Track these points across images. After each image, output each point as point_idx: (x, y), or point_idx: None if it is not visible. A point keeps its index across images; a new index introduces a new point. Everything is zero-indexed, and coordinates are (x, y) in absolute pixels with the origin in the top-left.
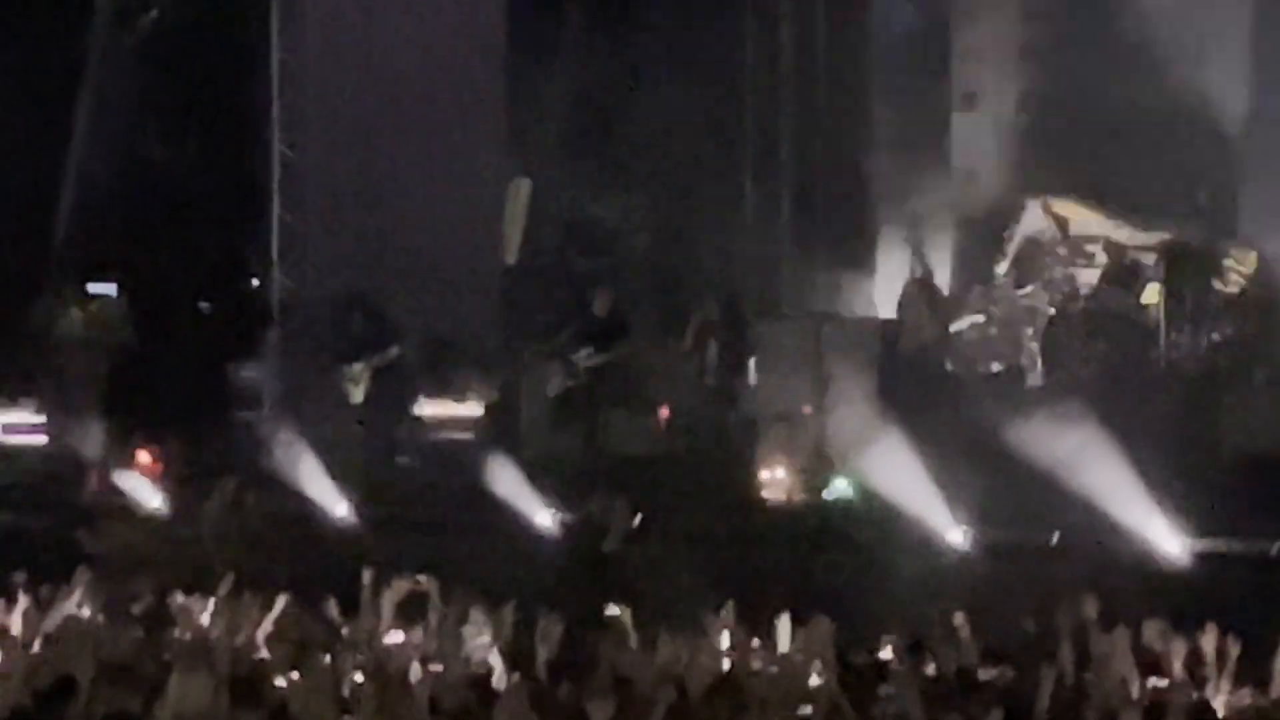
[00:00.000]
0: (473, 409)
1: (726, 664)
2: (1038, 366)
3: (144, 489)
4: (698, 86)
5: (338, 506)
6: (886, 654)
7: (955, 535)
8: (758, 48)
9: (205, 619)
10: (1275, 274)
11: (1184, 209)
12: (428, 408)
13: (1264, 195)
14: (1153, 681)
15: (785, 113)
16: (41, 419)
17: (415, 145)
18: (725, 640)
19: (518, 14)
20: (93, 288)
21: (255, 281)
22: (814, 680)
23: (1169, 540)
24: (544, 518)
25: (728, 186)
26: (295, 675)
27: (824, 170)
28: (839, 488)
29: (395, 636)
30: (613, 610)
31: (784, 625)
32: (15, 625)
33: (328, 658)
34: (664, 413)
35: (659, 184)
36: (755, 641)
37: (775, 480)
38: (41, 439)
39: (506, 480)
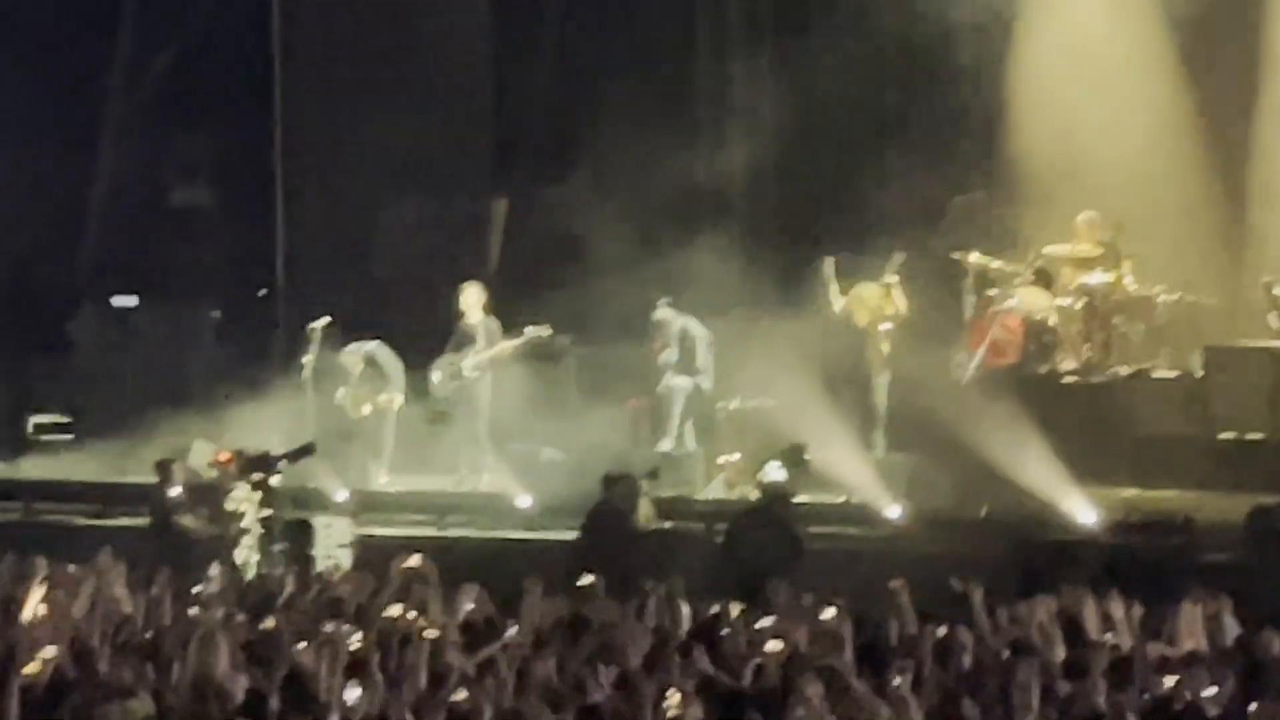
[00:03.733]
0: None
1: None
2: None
3: None
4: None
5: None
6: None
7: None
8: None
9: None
10: None
11: None
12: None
13: None
14: None
15: (737, 127)
16: (69, 419)
17: (406, 169)
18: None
19: (502, 59)
20: (116, 300)
21: (263, 292)
22: None
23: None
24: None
25: (687, 205)
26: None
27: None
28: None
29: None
30: (586, 579)
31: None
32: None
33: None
34: (632, 403)
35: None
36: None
37: (731, 463)
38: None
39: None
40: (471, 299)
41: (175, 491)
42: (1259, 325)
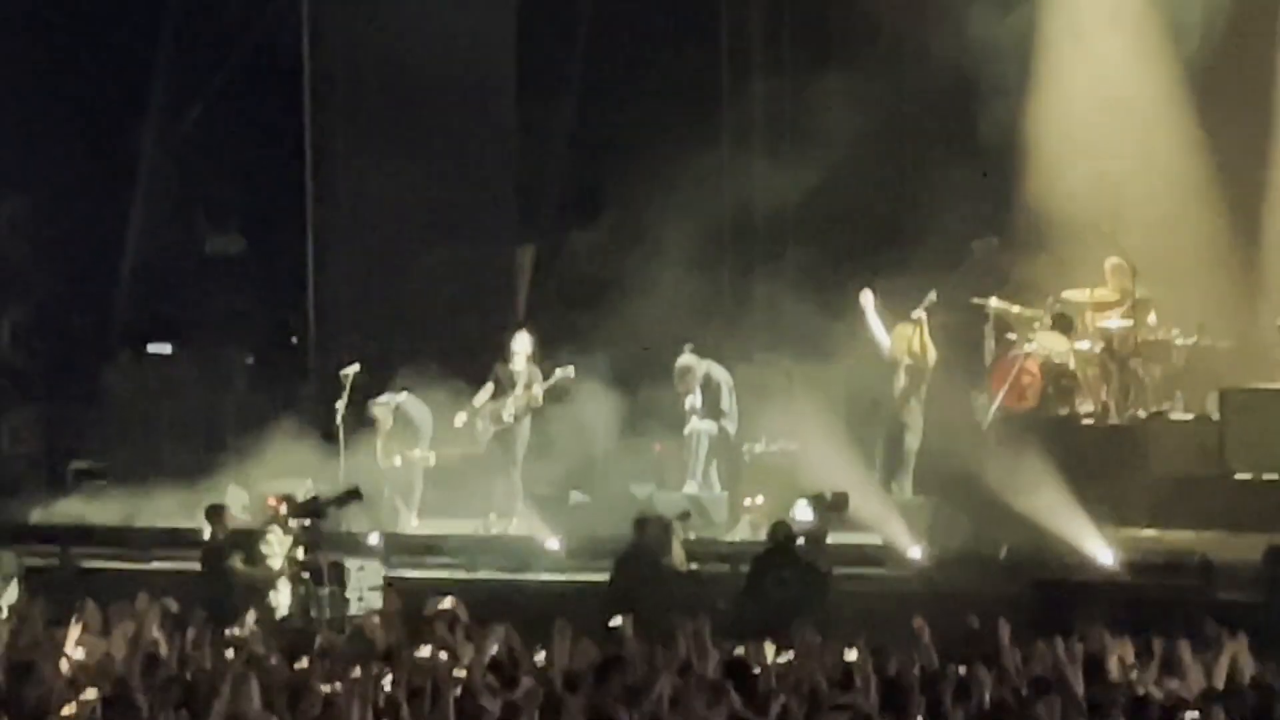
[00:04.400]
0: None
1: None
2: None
3: None
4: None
5: None
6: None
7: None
8: (733, 119)
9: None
10: None
11: None
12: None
13: None
14: None
15: (755, 176)
16: (105, 464)
17: (434, 216)
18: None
19: (527, 109)
20: (151, 347)
21: (294, 339)
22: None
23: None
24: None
25: (707, 248)
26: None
27: (789, 230)
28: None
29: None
30: (616, 621)
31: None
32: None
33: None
34: (659, 447)
35: (644, 244)
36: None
37: (756, 506)
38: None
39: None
40: (521, 345)
41: (225, 536)
42: (1274, 367)
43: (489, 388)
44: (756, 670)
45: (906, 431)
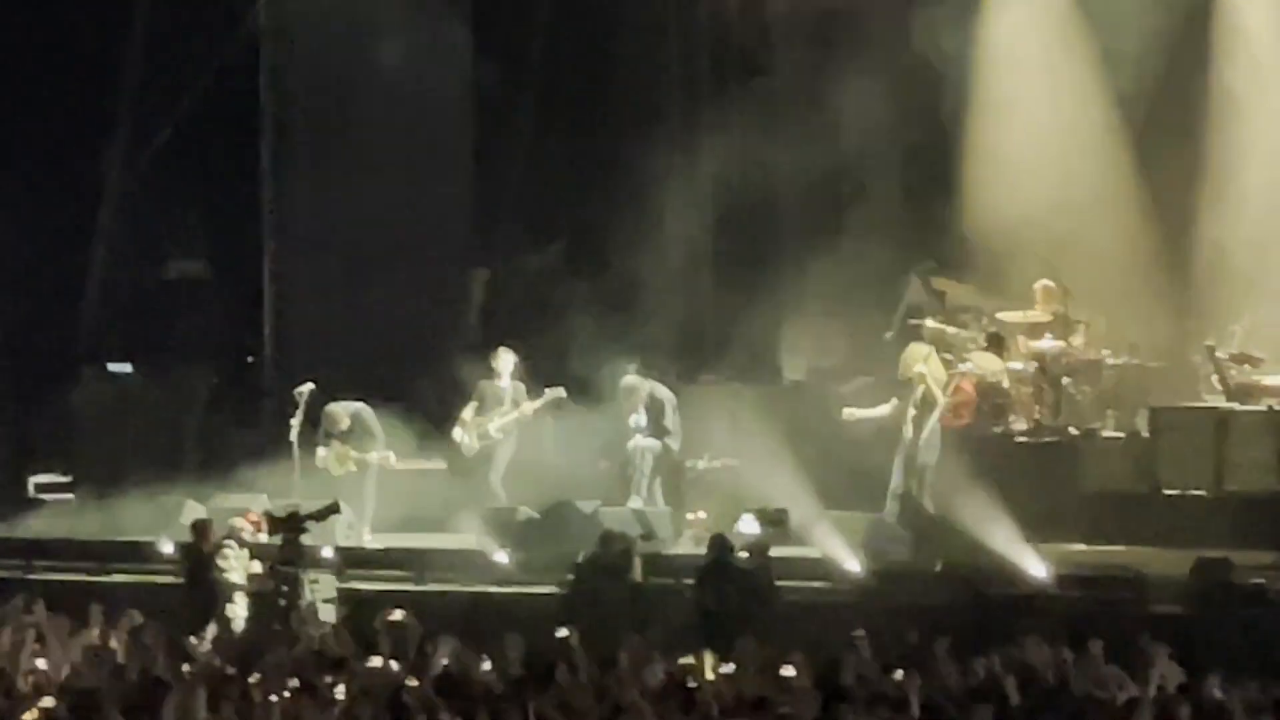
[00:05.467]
0: (436, 464)
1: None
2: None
3: None
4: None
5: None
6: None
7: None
8: (678, 147)
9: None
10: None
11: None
12: (400, 463)
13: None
14: None
15: (702, 204)
16: (69, 480)
17: (390, 241)
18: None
19: (482, 136)
20: (114, 366)
21: (251, 359)
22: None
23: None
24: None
25: (661, 272)
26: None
27: (734, 256)
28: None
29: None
30: (562, 632)
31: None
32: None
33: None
34: (604, 464)
35: (595, 268)
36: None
37: (699, 521)
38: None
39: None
40: (506, 362)
41: (209, 549)
42: (1202, 387)
43: (473, 404)
44: (698, 682)
45: (921, 451)
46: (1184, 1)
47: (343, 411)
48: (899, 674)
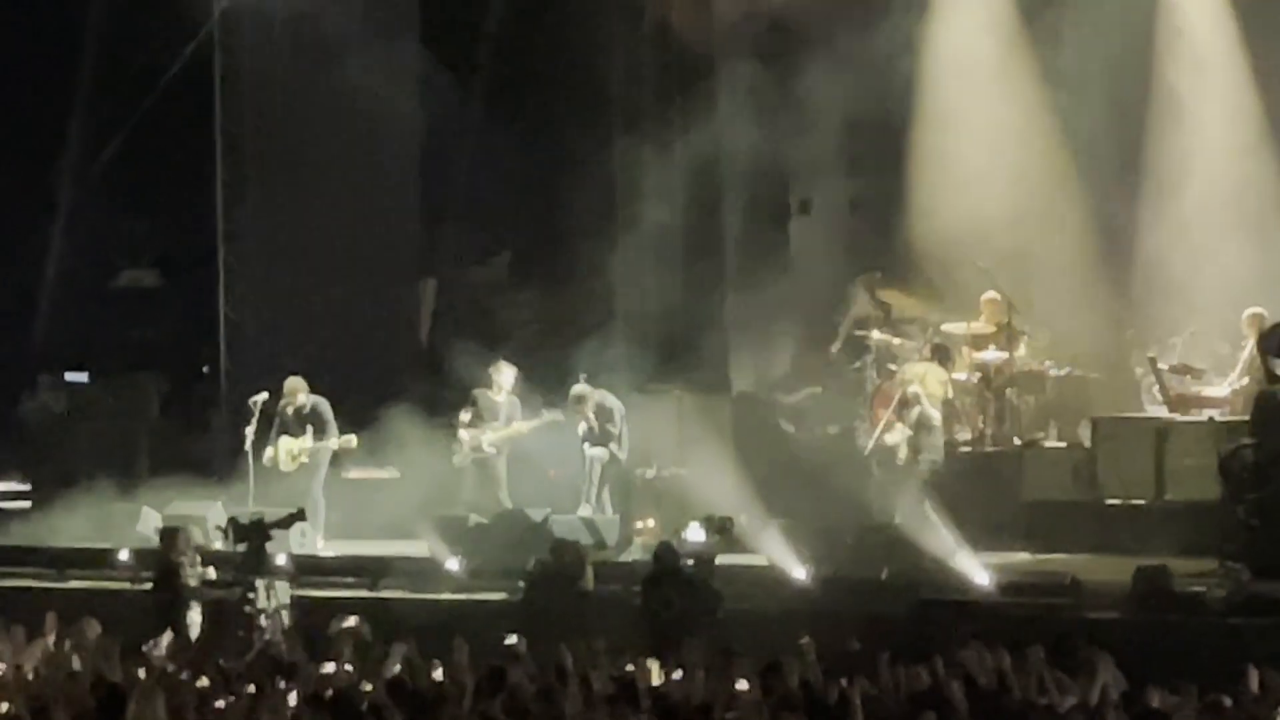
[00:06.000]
0: (388, 472)
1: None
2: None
3: None
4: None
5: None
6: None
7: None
8: (625, 160)
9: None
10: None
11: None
12: (354, 473)
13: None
14: None
15: (649, 217)
16: (26, 487)
17: (341, 251)
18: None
19: (430, 148)
20: (69, 375)
21: (205, 369)
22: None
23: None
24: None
25: (610, 282)
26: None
27: (680, 267)
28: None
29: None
30: (511, 639)
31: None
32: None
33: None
34: (552, 473)
35: (540, 279)
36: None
37: (647, 528)
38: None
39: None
40: (505, 378)
41: (181, 558)
42: (1144, 397)
43: (467, 413)
44: (645, 687)
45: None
46: (1128, 8)
47: (302, 386)
48: (844, 681)
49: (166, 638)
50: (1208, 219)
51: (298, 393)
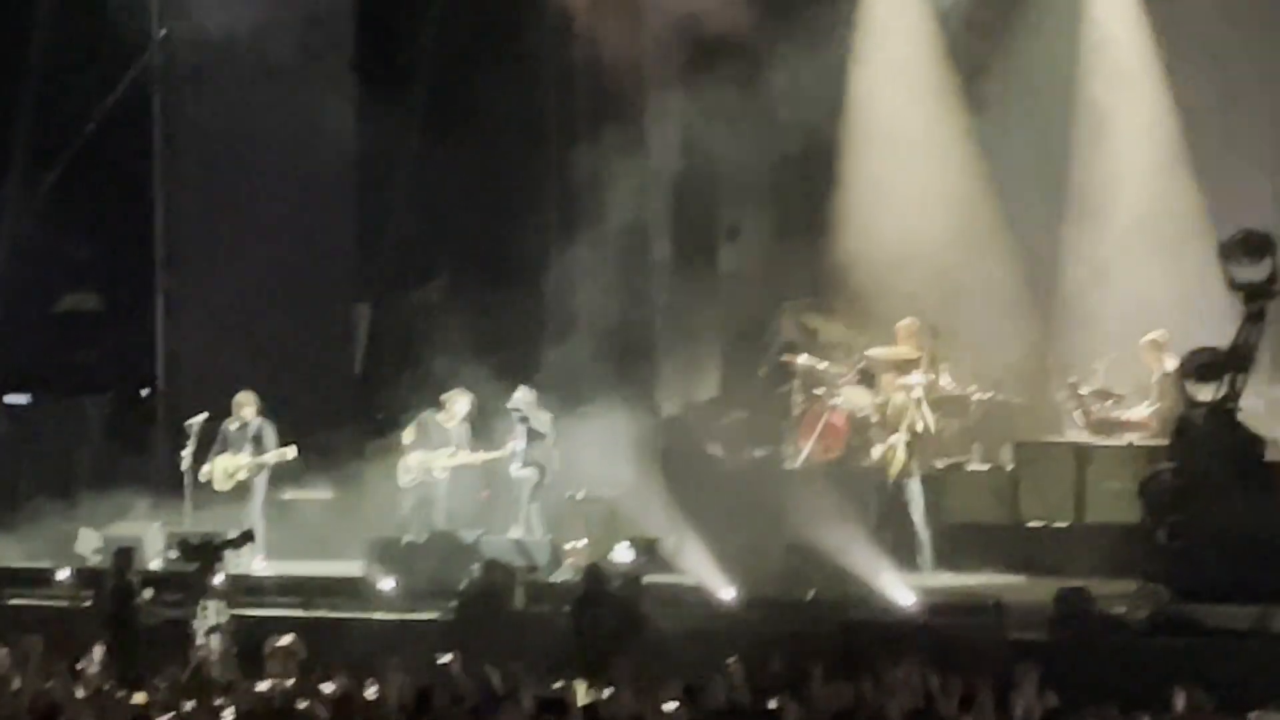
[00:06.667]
0: (323, 494)
1: None
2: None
3: None
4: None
5: None
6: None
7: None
8: (557, 185)
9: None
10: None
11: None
12: (288, 493)
13: None
14: None
15: (580, 242)
16: None
17: (277, 276)
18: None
19: (365, 176)
20: (9, 398)
21: (145, 391)
22: None
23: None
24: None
25: (540, 307)
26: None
27: (612, 291)
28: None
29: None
30: (445, 657)
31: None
32: None
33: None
34: (485, 494)
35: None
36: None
37: (577, 549)
38: None
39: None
40: (459, 406)
41: (132, 578)
42: (1065, 421)
43: (410, 435)
44: (574, 706)
45: (910, 506)
46: (1054, 31)
47: (252, 401)
48: (772, 701)
49: (99, 653)
50: (1127, 242)
51: (245, 407)
